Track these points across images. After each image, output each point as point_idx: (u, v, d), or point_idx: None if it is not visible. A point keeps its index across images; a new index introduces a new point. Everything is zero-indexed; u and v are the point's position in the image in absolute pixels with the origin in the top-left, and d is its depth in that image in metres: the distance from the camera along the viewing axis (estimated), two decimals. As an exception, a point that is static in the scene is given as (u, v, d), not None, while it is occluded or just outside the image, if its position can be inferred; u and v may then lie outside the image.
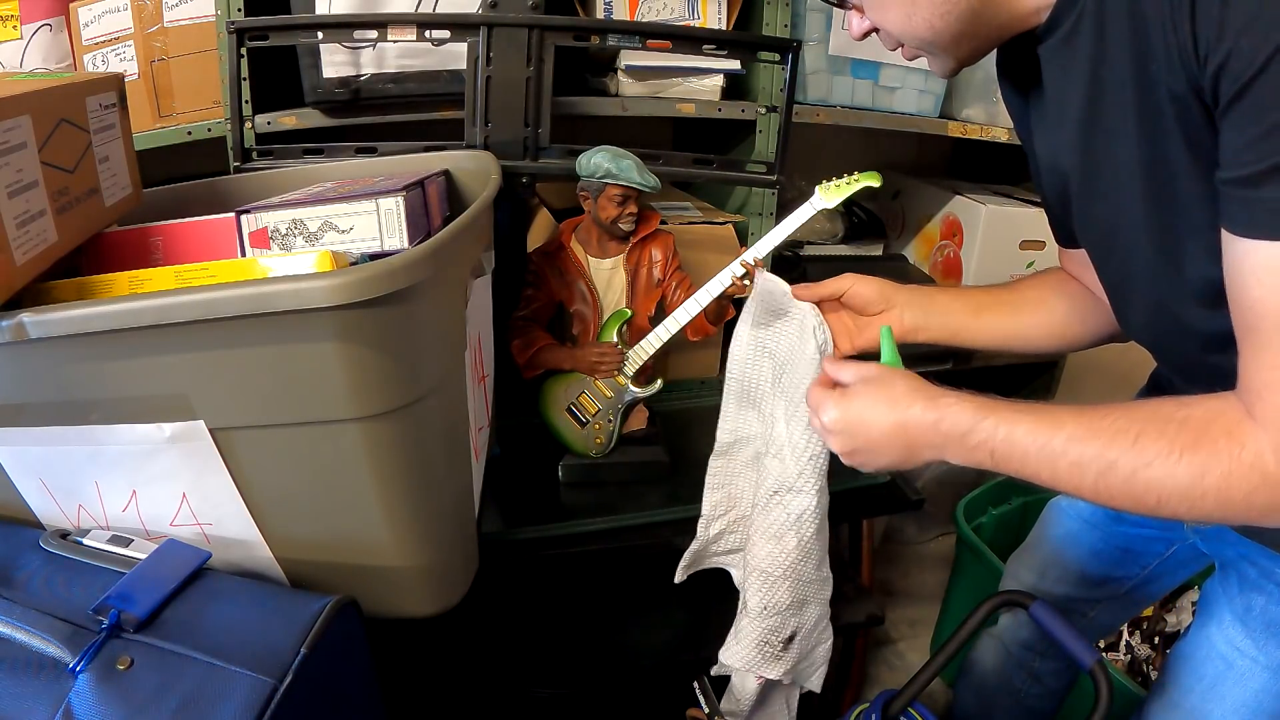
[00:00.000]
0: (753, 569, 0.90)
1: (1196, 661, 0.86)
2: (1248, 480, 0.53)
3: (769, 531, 0.89)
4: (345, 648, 0.69)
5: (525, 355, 1.16)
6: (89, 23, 1.27)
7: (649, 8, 1.29)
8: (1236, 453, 0.53)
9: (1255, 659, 0.79)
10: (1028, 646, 1.13)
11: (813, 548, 0.89)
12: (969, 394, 0.66)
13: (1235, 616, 0.81)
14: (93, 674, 0.59)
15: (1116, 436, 0.57)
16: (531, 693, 1.11)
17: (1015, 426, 0.61)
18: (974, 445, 0.64)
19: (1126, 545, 1.01)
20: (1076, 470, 0.59)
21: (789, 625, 0.92)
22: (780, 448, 0.87)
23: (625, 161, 1.09)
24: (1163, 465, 0.55)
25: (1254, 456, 0.52)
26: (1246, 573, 0.80)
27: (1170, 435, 0.55)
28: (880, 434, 0.69)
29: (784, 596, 0.90)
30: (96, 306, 0.62)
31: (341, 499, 0.73)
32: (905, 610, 1.80)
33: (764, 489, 0.90)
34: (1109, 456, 0.57)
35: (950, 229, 1.81)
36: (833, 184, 1.05)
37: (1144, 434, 0.56)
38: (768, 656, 0.91)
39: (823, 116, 1.44)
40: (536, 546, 1.05)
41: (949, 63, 0.70)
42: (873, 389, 0.70)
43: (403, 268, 0.63)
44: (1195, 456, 0.54)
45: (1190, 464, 0.54)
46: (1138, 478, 0.56)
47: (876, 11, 0.69)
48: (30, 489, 0.75)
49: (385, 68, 1.17)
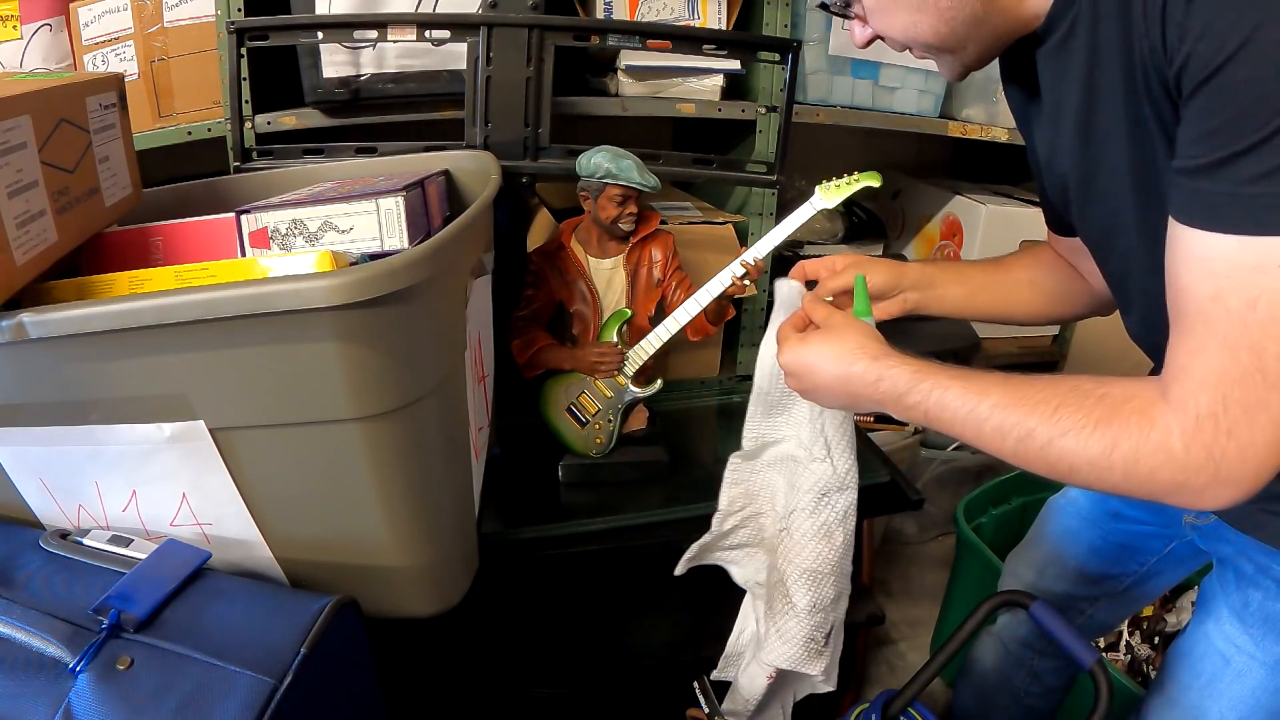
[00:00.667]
0: (801, 570, 0.92)
1: (1194, 658, 0.86)
2: (1154, 458, 0.55)
3: (819, 532, 0.91)
4: (345, 648, 0.69)
5: (525, 355, 1.16)
6: (89, 23, 1.27)
7: (649, 8, 1.29)
8: (1146, 431, 0.55)
9: (1253, 655, 0.80)
10: (1027, 644, 1.13)
11: (851, 540, 0.93)
12: (911, 357, 0.70)
13: (1232, 612, 0.82)
14: (93, 674, 0.59)
15: (1038, 406, 0.60)
16: (531, 693, 1.11)
17: (947, 391, 0.65)
18: (910, 405, 0.68)
19: (1125, 542, 1.01)
20: (998, 435, 0.62)
21: (830, 620, 0.94)
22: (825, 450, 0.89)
23: (625, 161, 1.09)
24: (1076, 437, 0.58)
25: (1161, 436, 0.55)
26: (1243, 568, 0.81)
27: (1087, 409, 0.58)
28: (826, 382, 0.74)
29: (829, 592, 0.92)
30: (96, 306, 0.62)
31: (341, 499, 0.73)
32: (905, 610, 1.80)
33: (809, 492, 0.91)
34: (1028, 424, 0.60)
35: (950, 229, 1.81)
36: (833, 184, 1.05)
37: (1063, 406, 0.59)
38: (812, 653, 0.93)
39: (823, 116, 1.44)
40: (536, 546, 1.05)
41: (956, 67, 0.71)
42: (827, 338, 0.75)
43: (403, 268, 0.63)
44: (1107, 431, 0.57)
45: (1101, 438, 0.57)
46: (1053, 446, 0.59)
47: (880, 19, 0.70)
48: (30, 489, 0.75)
49: (385, 68, 1.17)
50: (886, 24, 0.69)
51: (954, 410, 0.64)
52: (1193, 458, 0.54)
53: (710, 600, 1.18)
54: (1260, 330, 0.51)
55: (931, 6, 0.65)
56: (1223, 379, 0.53)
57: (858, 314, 0.82)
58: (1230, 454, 0.53)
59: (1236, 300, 0.52)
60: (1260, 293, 0.51)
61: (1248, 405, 0.52)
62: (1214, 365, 0.53)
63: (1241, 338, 0.52)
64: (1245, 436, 0.52)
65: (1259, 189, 0.50)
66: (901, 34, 0.69)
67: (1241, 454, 0.53)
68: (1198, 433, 0.53)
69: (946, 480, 1.85)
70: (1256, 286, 0.51)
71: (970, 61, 0.70)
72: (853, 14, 0.72)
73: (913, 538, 1.99)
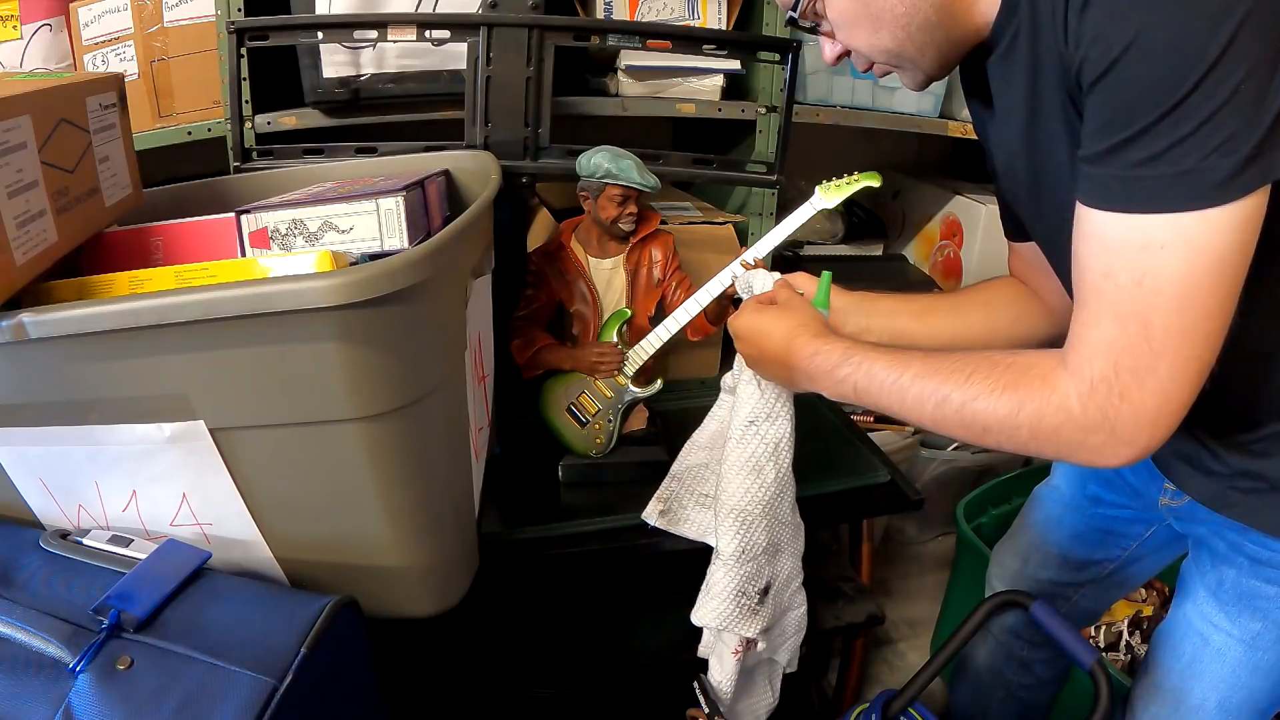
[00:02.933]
0: (728, 510, 0.87)
1: (1175, 640, 0.88)
2: (1055, 417, 0.61)
3: (746, 465, 0.87)
4: (345, 648, 0.69)
5: (525, 355, 1.16)
6: (89, 23, 1.27)
7: (649, 8, 1.29)
8: (1047, 394, 0.61)
9: (1230, 633, 0.82)
10: (1016, 634, 1.14)
11: (789, 483, 0.89)
12: (850, 340, 0.76)
13: (1209, 592, 0.84)
14: (93, 674, 0.59)
15: (952, 374, 0.66)
16: (531, 693, 1.11)
17: (874, 365, 0.71)
18: (840, 378, 0.73)
19: (1106, 527, 1.02)
20: (919, 402, 0.67)
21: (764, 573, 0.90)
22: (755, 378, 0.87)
23: (625, 161, 1.09)
24: (986, 400, 0.63)
25: (1061, 398, 0.60)
26: (1216, 547, 0.83)
27: (996, 376, 0.64)
28: (770, 350, 0.80)
29: (760, 538, 0.88)
30: (96, 306, 0.62)
31: (341, 499, 0.73)
32: (905, 610, 1.80)
33: (738, 420, 0.88)
34: (944, 391, 0.66)
35: (950, 229, 1.81)
36: (833, 184, 1.05)
37: (975, 373, 0.65)
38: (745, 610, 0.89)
39: (823, 116, 1.44)
40: (536, 546, 1.05)
41: (918, 75, 0.74)
42: (780, 313, 0.81)
43: (403, 268, 0.63)
44: (1014, 394, 0.62)
45: (1009, 400, 0.62)
46: (966, 409, 0.64)
47: (845, 33, 0.73)
48: (30, 489, 0.75)
49: (385, 68, 1.17)
50: (850, 36, 0.73)
51: (880, 381, 0.70)
52: (1090, 418, 0.59)
53: (710, 600, 1.18)
54: (1146, 304, 0.56)
55: (889, 15, 0.68)
56: (1113, 347, 0.58)
57: (816, 304, 0.87)
58: (1124, 415, 0.58)
59: (1125, 277, 0.57)
60: (1146, 270, 0.56)
61: (1137, 371, 0.57)
62: (1105, 335, 0.58)
63: (1130, 310, 0.57)
64: (1136, 399, 0.58)
65: (1143, 172, 0.55)
66: (865, 44, 0.72)
67: (1134, 415, 0.58)
68: (1093, 395, 0.59)
69: (946, 480, 1.85)
70: (1142, 264, 0.56)
71: (930, 69, 0.73)
72: (822, 31, 0.75)
73: (913, 538, 1.99)
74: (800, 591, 0.96)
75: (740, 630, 0.89)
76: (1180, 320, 0.56)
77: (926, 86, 0.76)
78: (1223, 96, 0.51)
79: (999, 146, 0.78)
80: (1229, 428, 0.75)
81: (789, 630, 0.97)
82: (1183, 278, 0.55)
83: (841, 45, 0.75)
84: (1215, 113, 0.51)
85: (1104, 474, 1.00)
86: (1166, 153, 0.53)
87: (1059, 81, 0.62)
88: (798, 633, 0.98)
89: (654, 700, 1.18)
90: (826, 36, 0.76)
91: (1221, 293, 0.56)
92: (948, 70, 0.74)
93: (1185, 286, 0.55)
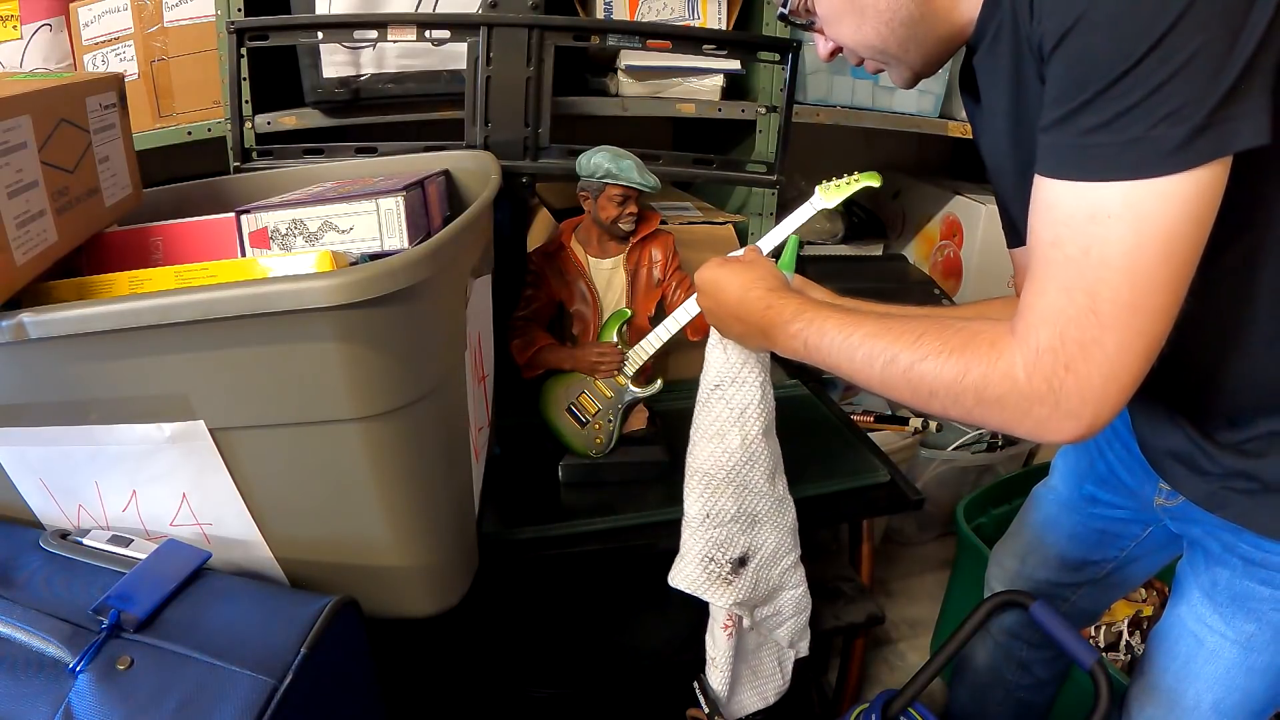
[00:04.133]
0: (692, 472, 0.89)
1: (1170, 641, 0.88)
2: (1000, 385, 0.59)
3: (710, 429, 0.87)
4: (345, 648, 0.69)
5: (525, 355, 1.16)
6: (89, 23, 1.27)
7: (649, 8, 1.29)
8: (994, 360, 0.60)
9: (1224, 634, 0.82)
10: (1016, 636, 1.14)
11: (760, 452, 0.88)
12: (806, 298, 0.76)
13: (1203, 593, 0.84)
14: (93, 674, 0.59)
15: (903, 335, 0.65)
16: (531, 693, 1.11)
17: (826, 322, 0.70)
18: (792, 334, 0.73)
19: (1102, 527, 1.02)
20: (868, 362, 0.67)
21: (738, 543, 0.89)
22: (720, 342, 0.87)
23: (625, 161, 1.09)
24: (934, 361, 0.62)
25: (1007, 365, 0.59)
26: (1211, 548, 0.83)
27: (945, 338, 0.63)
28: (726, 303, 0.80)
29: (728, 504, 0.88)
30: (96, 306, 0.62)
31: (342, 499, 0.73)
32: (905, 610, 1.80)
33: (704, 384, 0.88)
34: (893, 350, 0.65)
35: (950, 229, 1.81)
36: (833, 184, 1.05)
37: (925, 334, 0.64)
38: (714, 577, 0.89)
39: (823, 116, 1.44)
40: (536, 546, 1.05)
41: (905, 72, 0.74)
42: (741, 267, 0.81)
43: (403, 268, 0.63)
44: (961, 357, 0.61)
45: (956, 363, 0.61)
46: (914, 370, 0.64)
47: (833, 28, 0.73)
48: (30, 489, 0.75)
49: (385, 68, 1.17)
50: (838, 32, 0.73)
51: (830, 338, 0.69)
52: (1034, 387, 0.58)
53: (710, 600, 1.18)
54: (1093, 275, 0.55)
55: (871, 10, 0.69)
56: (1059, 317, 0.57)
57: (782, 266, 0.86)
58: (1069, 386, 0.57)
59: (1073, 246, 0.56)
60: (1093, 241, 0.55)
61: (1083, 343, 0.56)
62: (1052, 304, 0.57)
63: (1077, 281, 0.56)
64: (1081, 370, 0.57)
65: (1092, 139, 0.54)
66: (851, 39, 0.72)
67: (1079, 387, 0.57)
68: (1038, 364, 0.58)
69: (946, 480, 1.85)
70: (1090, 234, 0.55)
71: (916, 66, 0.73)
72: (815, 27, 0.76)
73: (913, 538, 1.99)
74: (795, 570, 0.95)
75: (710, 598, 0.90)
76: (1129, 294, 0.55)
77: (915, 84, 0.76)
78: (1174, 66, 0.50)
79: (988, 143, 0.78)
80: (1221, 427, 0.75)
81: (785, 610, 0.97)
82: (1131, 249, 0.54)
83: (833, 41, 0.75)
84: (1165, 82, 0.51)
85: (1100, 473, 1.00)
86: (1115, 120, 0.53)
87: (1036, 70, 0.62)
88: (797, 614, 0.98)
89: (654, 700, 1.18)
90: (818, 33, 0.76)
91: (1172, 266, 0.54)
92: (934, 67, 0.74)
93: (1133, 258, 0.54)
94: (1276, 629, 0.79)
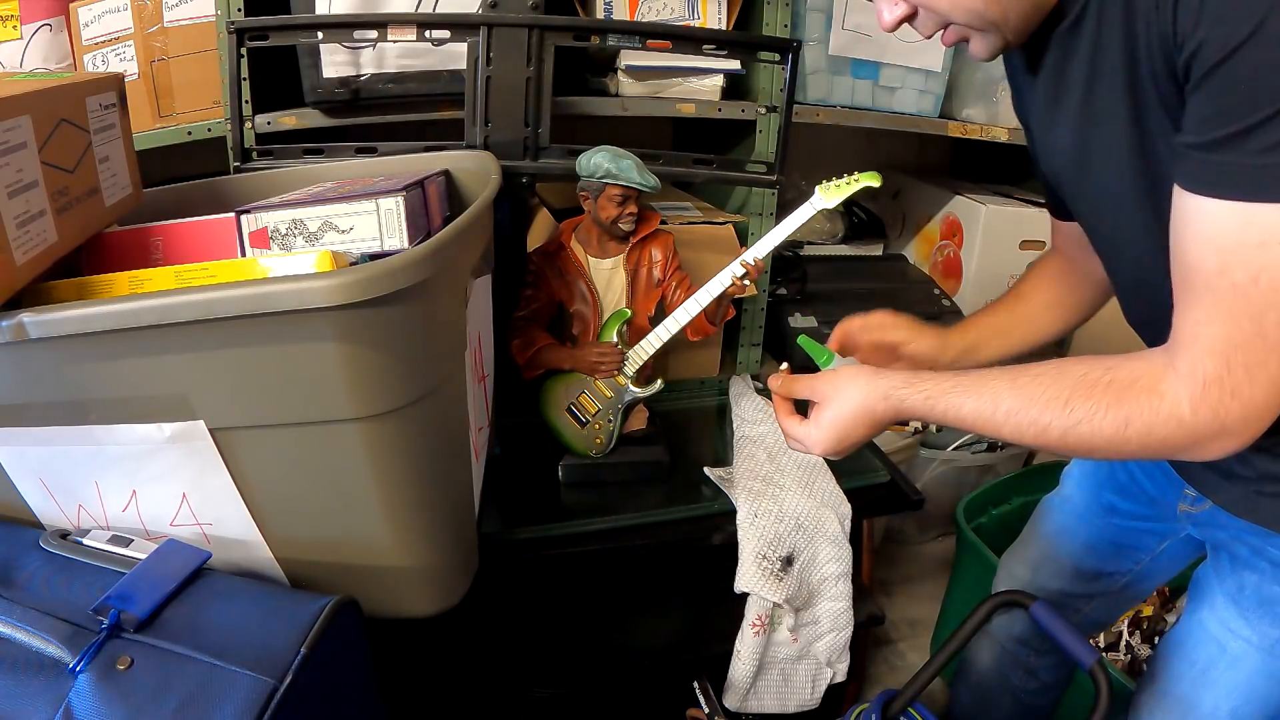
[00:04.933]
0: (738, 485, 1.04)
1: (1189, 647, 0.86)
2: (1165, 427, 0.60)
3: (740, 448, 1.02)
4: (345, 648, 0.69)
5: (525, 355, 1.16)
6: (89, 23, 1.27)
7: (649, 8, 1.29)
8: (1156, 404, 0.60)
9: (1249, 640, 0.80)
10: (1023, 643, 1.13)
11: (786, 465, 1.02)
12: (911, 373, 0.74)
13: (1228, 597, 0.82)
14: (93, 674, 0.59)
15: (1050, 404, 0.64)
16: (531, 693, 1.11)
17: (962, 408, 0.70)
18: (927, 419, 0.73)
19: (1119, 539, 1.01)
20: (1017, 433, 0.67)
21: (785, 542, 0.99)
22: None
23: (625, 161, 1.09)
24: (1090, 424, 0.63)
25: (1172, 406, 0.60)
26: (1238, 552, 0.81)
27: (1097, 397, 0.63)
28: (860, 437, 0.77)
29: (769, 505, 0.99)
30: (96, 306, 0.62)
31: (342, 499, 0.73)
32: (905, 610, 1.80)
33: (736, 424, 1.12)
34: (1043, 422, 0.65)
35: (950, 229, 1.81)
36: (833, 184, 1.05)
37: (1074, 398, 0.63)
38: (767, 573, 0.97)
39: (823, 116, 1.44)
40: (536, 546, 1.05)
41: (996, 41, 0.69)
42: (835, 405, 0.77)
43: (403, 268, 0.63)
44: (1120, 411, 0.62)
45: (1115, 418, 0.62)
46: (1069, 435, 0.64)
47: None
48: (30, 489, 0.75)
49: (385, 68, 1.17)
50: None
51: (970, 421, 0.69)
52: (1201, 419, 0.59)
53: (710, 600, 1.18)
54: (1262, 301, 0.55)
55: None
56: (1228, 345, 0.57)
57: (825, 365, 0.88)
58: (1234, 411, 0.58)
59: (1241, 274, 0.55)
60: (1263, 267, 0.55)
61: (1249, 366, 0.57)
62: (1220, 334, 0.57)
63: (1245, 308, 0.56)
64: (1247, 394, 0.57)
65: (1265, 160, 0.53)
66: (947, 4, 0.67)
67: (1244, 410, 0.58)
68: (1205, 397, 0.58)
69: (946, 480, 1.85)
70: (1259, 261, 0.55)
71: (1010, 35, 0.69)
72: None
73: (913, 538, 1.99)
74: (837, 584, 1.00)
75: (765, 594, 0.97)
76: None
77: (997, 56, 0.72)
78: None
79: (1042, 119, 0.76)
80: None
81: (823, 621, 1.00)
82: None
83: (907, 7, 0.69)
84: None
85: (1120, 482, 0.99)
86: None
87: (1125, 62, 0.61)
88: (834, 630, 1.00)
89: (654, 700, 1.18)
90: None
91: None
92: (1024, 37, 0.70)
93: None
94: None
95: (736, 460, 1.15)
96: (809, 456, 1.14)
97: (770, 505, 1.03)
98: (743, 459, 1.14)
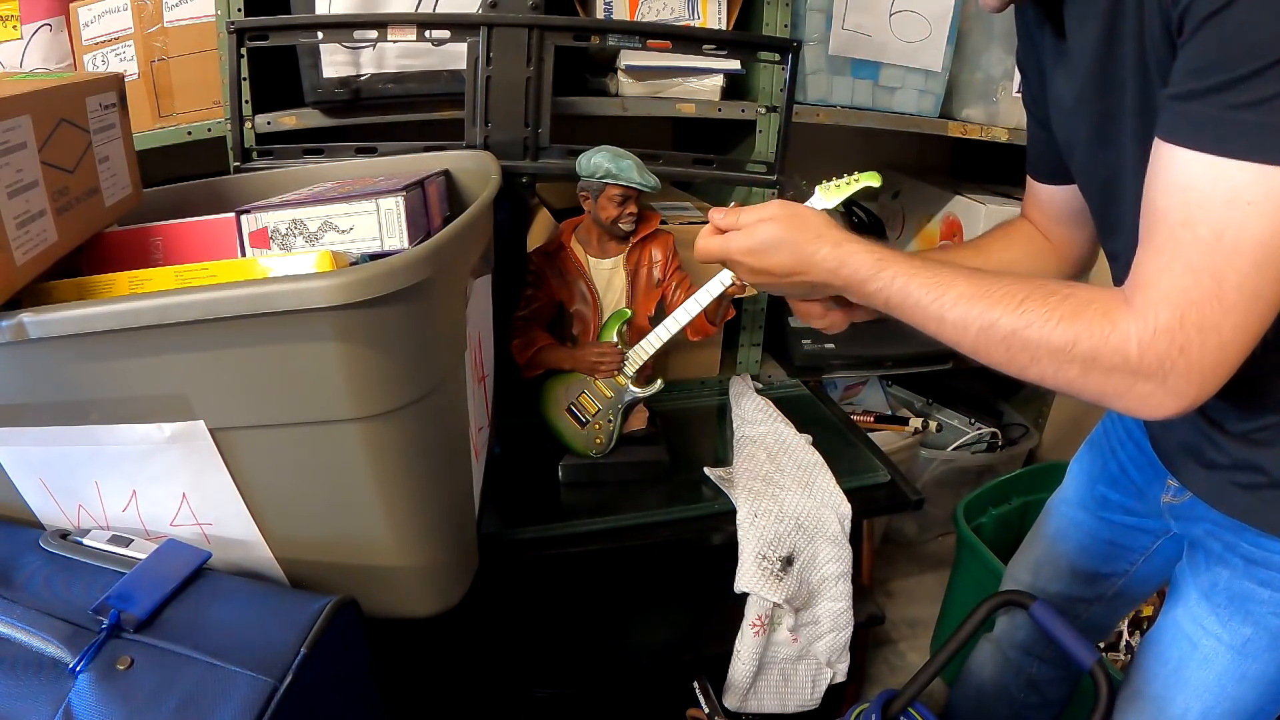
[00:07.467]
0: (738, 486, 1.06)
1: (1162, 645, 0.87)
2: (1111, 358, 0.59)
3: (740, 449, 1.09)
4: (345, 648, 0.69)
5: (525, 355, 1.16)
6: (89, 23, 1.27)
7: (649, 8, 1.29)
8: (1107, 331, 0.59)
9: (1219, 638, 0.80)
10: (1025, 650, 1.13)
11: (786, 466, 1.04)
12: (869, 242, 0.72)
13: (1201, 594, 0.82)
14: (93, 674, 0.59)
15: (1003, 299, 0.63)
16: (531, 693, 1.11)
17: (911, 280, 0.68)
18: (871, 292, 0.71)
19: (1112, 537, 1.02)
20: (960, 326, 0.65)
21: (784, 542, 0.99)
22: None
23: (625, 161, 1.09)
24: (1040, 328, 0.61)
25: (1121, 339, 0.58)
26: (1212, 548, 0.81)
27: (1052, 305, 0.61)
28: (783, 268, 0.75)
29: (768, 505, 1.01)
30: (96, 306, 0.62)
31: (342, 499, 0.73)
32: (905, 610, 1.80)
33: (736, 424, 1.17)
34: (991, 316, 0.63)
35: (950, 229, 1.81)
36: (833, 184, 1.05)
37: (1029, 299, 0.62)
38: (767, 574, 0.98)
39: (823, 116, 1.44)
40: (536, 546, 1.05)
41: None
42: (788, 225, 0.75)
43: (403, 268, 0.63)
44: (1071, 326, 0.60)
45: (1065, 331, 0.60)
46: (1016, 337, 0.62)
47: None
48: (30, 489, 0.75)
49: (385, 68, 1.17)
50: None
51: (917, 299, 0.67)
52: (1145, 364, 0.58)
53: (710, 600, 1.18)
54: (1224, 259, 0.54)
55: None
56: (1183, 298, 0.56)
57: None
58: (1179, 368, 0.57)
59: (1206, 229, 0.55)
60: (1228, 224, 0.54)
61: (1202, 326, 0.56)
62: (1177, 284, 0.56)
63: (1206, 264, 0.55)
64: (1195, 354, 0.57)
65: (1244, 115, 0.53)
66: None
67: (1189, 369, 0.57)
68: (1153, 343, 0.57)
69: (946, 480, 1.85)
70: (1224, 218, 0.54)
71: None
72: None
73: (913, 538, 1.99)
74: (837, 584, 1.00)
75: (765, 594, 0.97)
76: (1255, 281, 0.54)
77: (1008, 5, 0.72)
78: None
79: (1057, 83, 0.76)
80: (1232, 417, 0.75)
81: (823, 621, 1.00)
82: (1265, 238, 0.53)
83: None
84: None
85: (1111, 473, 1.00)
86: (1268, 101, 0.51)
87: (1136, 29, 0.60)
88: (834, 630, 1.01)
89: (654, 700, 1.18)
90: None
91: None
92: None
93: (1267, 248, 0.53)
94: (1273, 635, 0.78)
95: (736, 460, 1.15)
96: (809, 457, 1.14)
97: (770, 505, 1.03)
98: (743, 459, 1.14)
